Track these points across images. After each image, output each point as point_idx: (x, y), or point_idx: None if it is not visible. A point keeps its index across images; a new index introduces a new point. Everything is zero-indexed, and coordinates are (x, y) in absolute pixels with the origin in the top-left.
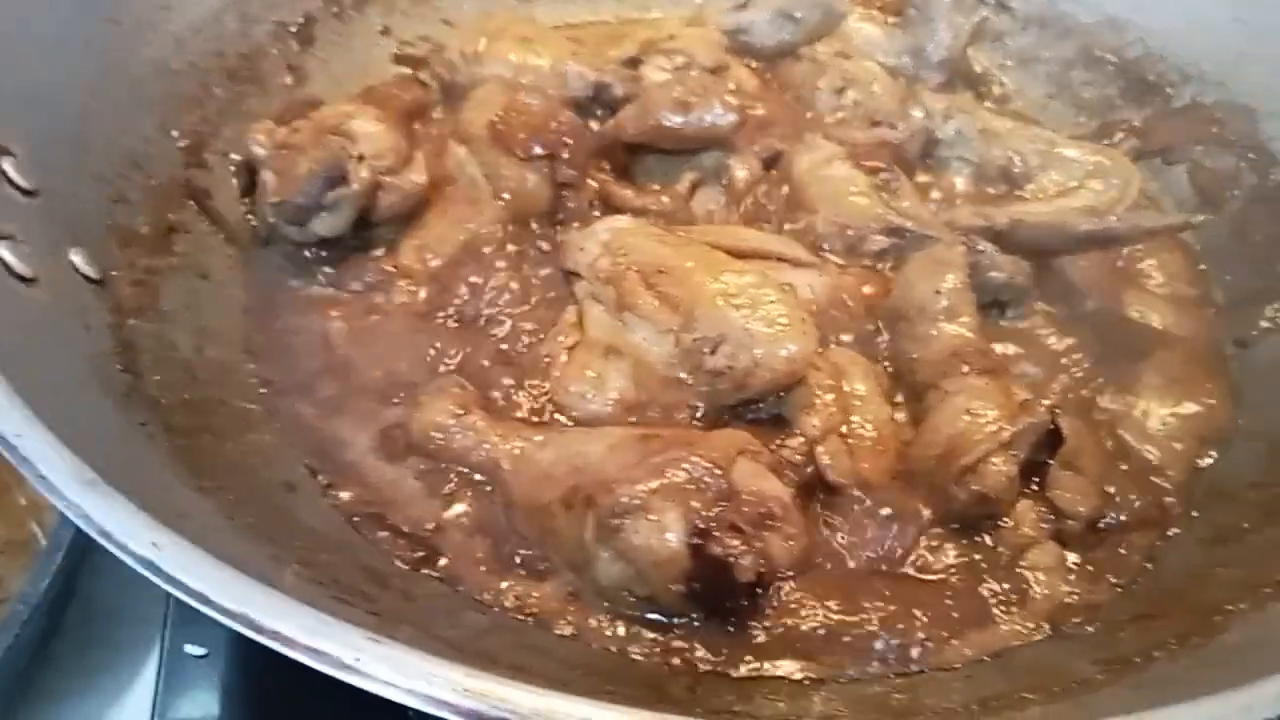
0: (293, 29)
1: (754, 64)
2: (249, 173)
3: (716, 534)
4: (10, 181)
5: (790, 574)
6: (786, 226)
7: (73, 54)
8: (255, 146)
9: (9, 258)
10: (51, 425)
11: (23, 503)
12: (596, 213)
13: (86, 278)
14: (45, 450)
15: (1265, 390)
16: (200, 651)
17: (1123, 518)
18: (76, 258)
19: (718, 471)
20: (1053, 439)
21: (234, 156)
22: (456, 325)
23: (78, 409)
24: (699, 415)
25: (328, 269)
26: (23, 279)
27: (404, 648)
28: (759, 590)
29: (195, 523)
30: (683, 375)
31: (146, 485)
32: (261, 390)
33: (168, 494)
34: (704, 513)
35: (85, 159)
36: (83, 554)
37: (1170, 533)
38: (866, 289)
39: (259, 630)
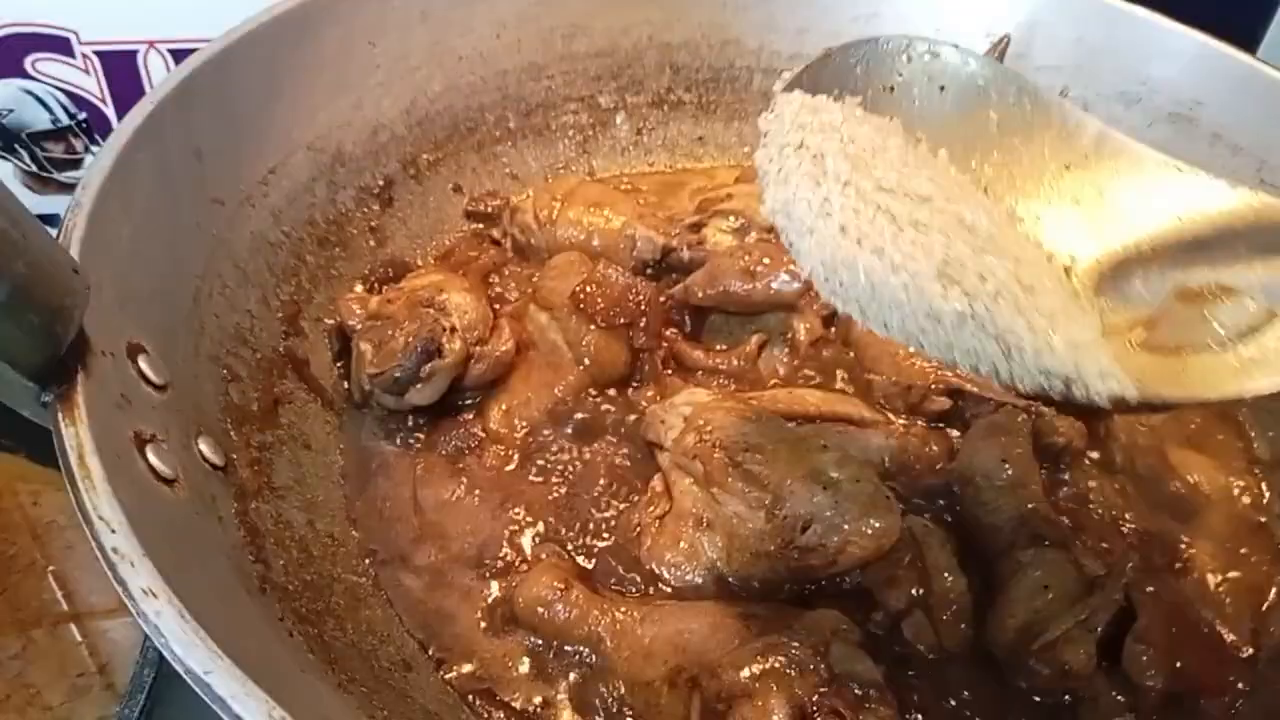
0: (374, 192)
1: None
2: (341, 338)
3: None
4: (146, 379)
5: None
6: (848, 384)
7: (185, 239)
8: (350, 318)
9: (155, 461)
10: (227, 650)
11: (79, 638)
12: (669, 371)
13: (213, 466)
14: (234, 686)
15: None
16: None
17: (1192, 687)
18: (204, 447)
19: (817, 656)
20: (1125, 614)
21: (326, 322)
22: (544, 491)
23: (231, 618)
24: (787, 587)
25: (418, 433)
26: (167, 481)
27: None
28: None
29: None
30: (772, 549)
31: (304, 699)
32: (366, 561)
33: (318, 701)
34: (807, 699)
35: (200, 343)
36: (157, 689)
37: (1239, 702)
38: (930, 449)
39: None
